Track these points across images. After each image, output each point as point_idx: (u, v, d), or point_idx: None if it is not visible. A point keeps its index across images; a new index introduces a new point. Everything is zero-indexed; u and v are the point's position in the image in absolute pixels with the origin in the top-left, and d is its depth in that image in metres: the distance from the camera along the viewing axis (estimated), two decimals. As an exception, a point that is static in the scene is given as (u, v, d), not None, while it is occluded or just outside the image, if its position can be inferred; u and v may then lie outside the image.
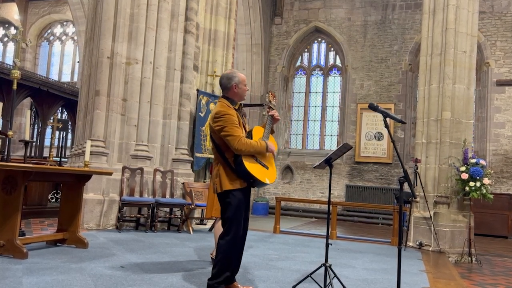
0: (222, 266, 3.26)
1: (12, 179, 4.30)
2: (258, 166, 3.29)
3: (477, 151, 12.57)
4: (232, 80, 3.40)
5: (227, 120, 3.25)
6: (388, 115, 3.21)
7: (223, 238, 3.28)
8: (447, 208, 7.34)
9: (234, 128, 3.24)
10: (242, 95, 3.46)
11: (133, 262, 4.45)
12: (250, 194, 3.51)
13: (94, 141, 6.76)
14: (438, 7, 7.66)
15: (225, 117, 3.26)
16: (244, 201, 3.34)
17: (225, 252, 3.25)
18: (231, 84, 3.40)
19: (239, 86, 3.41)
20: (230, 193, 3.28)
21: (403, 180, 3.00)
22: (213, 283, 3.26)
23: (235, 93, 3.42)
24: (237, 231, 3.29)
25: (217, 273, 3.26)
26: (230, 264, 3.32)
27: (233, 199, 3.27)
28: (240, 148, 3.20)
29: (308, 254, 5.89)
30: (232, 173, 3.29)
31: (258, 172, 3.27)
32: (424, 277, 4.99)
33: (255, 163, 3.28)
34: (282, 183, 14.59)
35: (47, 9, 17.74)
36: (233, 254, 3.31)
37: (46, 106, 12.60)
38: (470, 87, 7.60)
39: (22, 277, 3.51)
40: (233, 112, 3.34)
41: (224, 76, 3.45)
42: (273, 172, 3.40)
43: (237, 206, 3.28)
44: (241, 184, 3.29)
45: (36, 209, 7.57)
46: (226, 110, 3.31)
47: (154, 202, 6.96)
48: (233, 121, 3.26)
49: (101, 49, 7.03)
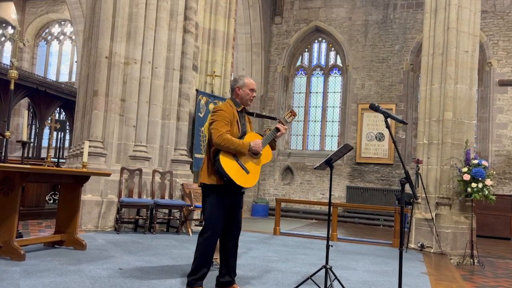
0: (199, 262, 3.32)
1: (9, 180, 4.28)
2: (236, 166, 3.29)
3: (479, 152, 12.52)
4: (237, 83, 3.53)
5: (219, 115, 3.34)
6: (389, 116, 3.22)
7: (201, 235, 3.34)
8: (449, 209, 7.29)
9: (221, 123, 3.31)
10: (245, 98, 3.54)
11: (131, 264, 4.42)
12: (238, 194, 3.50)
13: (92, 141, 6.73)
14: (440, 6, 7.62)
15: (218, 113, 3.36)
16: (224, 199, 3.36)
17: (202, 249, 3.31)
18: (236, 86, 3.53)
19: (243, 89, 3.51)
20: (207, 188, 3.36)
21: (404, 181, 3.00)
22: (191, 279, 3.34)
23: (238, 95, 3.53)
24: (214, 229, 3.33)
25: (194, 270, 3.33)
26: (208, 261, 3.36)
27: (210, 195, 3.34)
28: (219, 142, 3.24)
29: (308, 256, 5.86)
30: (211, 168, 3.34)
31: (234, 172, 3.27)
32: (426, 279, 4.95)
33: (233, 162, 3.29)
34: (282, 184, 14.54)
35: (44, 8, 17.70)
36: (210, 251, 3.34)
37: (44, 107, 12.56)
38: (472, 87, 7.55)
39: (19, 279, 3.49)
40: (230, 111, 3.41)
41: (233, 79, 3.63)
42: (253, 178, 3.38)
43: (214, 203, 3.33)
44: (217, 181, 3.31)
45: (33, 210, 7.54)
46: (223, 107, 3.41)
47: (153, 203, 6.92)
48: (224, 117, 3.34)
49: (99, 49, 6.99)
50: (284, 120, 3.60)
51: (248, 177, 3.34)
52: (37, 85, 11.94)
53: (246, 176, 3.33)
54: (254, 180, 3.40)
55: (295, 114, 3.74)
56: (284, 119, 3.61)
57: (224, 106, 3.44)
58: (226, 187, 3.32)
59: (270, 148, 3.58)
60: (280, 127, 3.52)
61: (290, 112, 3.68)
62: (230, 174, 3.24)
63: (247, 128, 3.56)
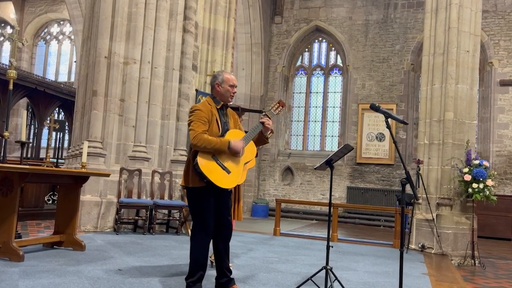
0: (194, 265, 3.30)
1: (8, 180, 4.27)
2: (215, 166, 3.18)
3: (480, 152, 12.48)
4: (216, 79, 3.42)
5: (195, 115, 3.27)
6: (390, 116, 3.20)
7: (191, 238, 3.32)
8: (450, 210, 7.27)
9: (197, 123, 3.23)
10: (225, 95, 3.41)
11: (131, 265, 4.41)
12: (224, 194, 3.36)
13: (92, 142, 6.71)
14: (441, 6, 7.60)
15: (194, 113, 3.28)
16: (209, 201, 3.26)
17: (193, 253, 3.29)
18: (215, 82, 3.42)
19: (222, 85, 3.39)
20: (190, 191, 3.30)
21: (405, 182, 2.98)
22: (189, 281, 3.32)
23: (217, 91, 3.42)
24: (203, 231, 3.27)
25: (191, 272, 3.31)
26: (202, 264, 3.32)
27: (193, 197, 3.29)
28: (195, 142, 3.16)
29: (308, 257, 5.84)
30: (192, 170, 3.24)
31: (212, 172, 3.15)
32: (427, 280, 4.93)
33: (212, 162, 3.17)
34: (282, 185, 14.52)
35: (43, 8, 17.67)
36: (202, 254, 3.29)
37: (43, 107, 12.53)
38: (473, 87, 7.53)
39: (18, 280, 3.48)
40: (206, 109, 3.31)
41: (212, 75, 3.55)
42: (235, 177, 3.25)
43: (199, 205, 3.27)
44: (199, 183, 3.20)
45: (32, 211, 7.52)
46: (199, 106, 3.34)
47: (152, 204, 6.90)
48: (201, 117, 3.25)
49: (99, 49, 6.97)
50: (270, 113, 3.43)
51: (230, 177, 3.21)
52: (36, 85, 11.91)
53: (227, 176, 3.20)
54: (237, 179, 3.27)
55: (284, 105, 3.53)
56: (270, 112, 3.44)
57: (201, 105, 3.36)
58: (208, 188, 3.21)
59: (260, 142, 3.47)
60: (264, 121, 3.35)
61: (278, 103, 3.49)
62: (209, 175, 3.13)
63: (230, 125, 3.42)
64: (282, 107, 3.50)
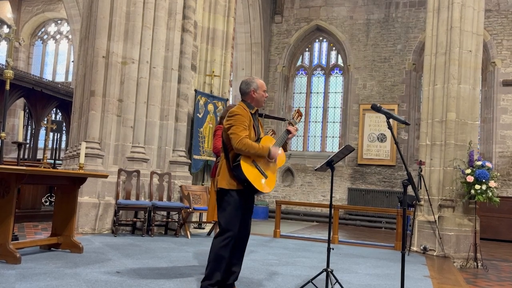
0: (213, 266, 3.32)
1: (4, 182, 4.25)
2: (256, 171, 3.34)
3: (482, 153, 12.42)
4: (251, 86, 3.53)
5: (236, 119, 3.36)
6: (392, 116, 3.22)
7: (217, 237, 3.37)
8: (452, 211, 7.22)
9: (240, 128, 3.33)
10: (260, 100, 3.56)
11: (129, 267, 4.39)
12: (252, 199, 3.59)
13: (89, 142, 6.65)
14: (443, 5, 7.55)
15: (235, 117, 3.38)
16: (242, 203, 3.39)
17: (217, 252, 3.33)
18: (250, 89, 3.53)
19: (257, 91, 3.53)
20: (226, 193, 3.37)
21: (406, 183, 3.00)
22: (206, 284, 3.33)
23: (253, 98, 3.54)
24: (231, 232, 3.34)
25: (209, 274, 3.33)
26: (221, 264, 3.35)
27: (229, 199, 3.36)
28: (240, 147, 3.28)
29: (309, 259, 5.81)
30: (231, 173, 3.36)
31: (254, 177, 3.32)
32: (429, 282, 4.91)
33: (253, 167, 3.33)
34: (282, 186, 14.46)
35: (40, 7, 17.62)
36: (225, 254, 3.33)
37: (40, 107, 12.47)
38: (475, 87, 7.49)
39: (15, 283, 3.47)
40: (246, 114, 3.44)
41: (243, 82, 3.59)
42: (271, 182, 3.45)
43: (232, 207, 3.35)
44: (237, 186, 3.35)
45: (29, 212, 7.48)
46: (239, 111, 3.42)
47: (151, 205, 6.85)
48: (242, 122, 3.37)
49: (96, 48, 6.92)
50: (293, 121, 3.67)
51: (267, 182, 3.40)
52: (33, 85, 11.85)
53: (266, 180, 3.40)
54: (273, 184, 3.45)
55: (301, 114, 3.80)
56: (293, 120, 3.68)
57: (240, 110, 3.43)
58: (244, 192, 3.37)
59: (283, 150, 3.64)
60: (290, 129, 3.58)
61: (297, 112, 3.75)
62: (250, 178, 3.28)
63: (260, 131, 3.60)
64: (300, 117, 3.79)
